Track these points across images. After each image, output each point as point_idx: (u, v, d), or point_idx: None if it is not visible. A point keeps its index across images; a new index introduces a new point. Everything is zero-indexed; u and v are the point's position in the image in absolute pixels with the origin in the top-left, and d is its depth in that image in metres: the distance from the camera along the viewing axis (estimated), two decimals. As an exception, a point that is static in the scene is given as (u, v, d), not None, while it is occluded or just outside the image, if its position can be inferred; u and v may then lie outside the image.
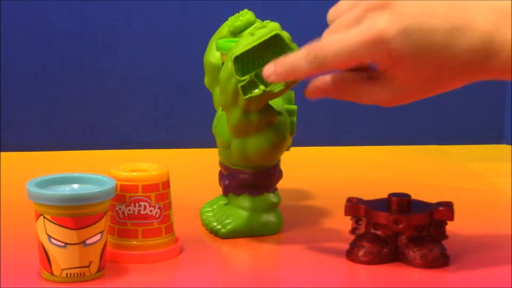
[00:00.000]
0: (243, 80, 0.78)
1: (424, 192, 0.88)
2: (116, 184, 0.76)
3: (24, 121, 1.28)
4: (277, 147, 0.82)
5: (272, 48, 0.79)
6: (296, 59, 0.75)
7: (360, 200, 0.80)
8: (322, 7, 1.23)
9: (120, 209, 0.78)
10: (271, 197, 0.87)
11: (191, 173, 0.91)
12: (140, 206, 0.78)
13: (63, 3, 1.25)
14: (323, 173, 1.13)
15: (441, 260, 0.77)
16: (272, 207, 0.87)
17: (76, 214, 0.72)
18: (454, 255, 0.79)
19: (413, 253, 0.77)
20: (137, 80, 1.28)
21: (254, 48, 0.78)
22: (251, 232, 0.86)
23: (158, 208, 0.78)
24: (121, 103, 1.29)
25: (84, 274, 0.73)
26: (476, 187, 1.07)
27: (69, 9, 1.25)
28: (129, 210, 0.78)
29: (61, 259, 0.72)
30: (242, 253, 0.84)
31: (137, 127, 1.29)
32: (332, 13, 0.77)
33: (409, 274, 0.76)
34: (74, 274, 0.73)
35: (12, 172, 1.12)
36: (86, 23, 1.26)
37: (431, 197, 0.82)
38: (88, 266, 0.73)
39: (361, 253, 0.78)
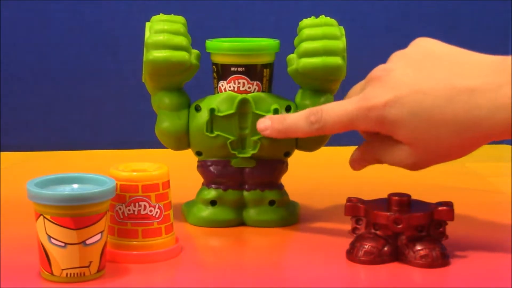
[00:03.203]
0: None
1: (424, 192, 0.88)
2: (116, 184, 0.76)
3: (24, 121, 1.28)
4: None
5: None
6: (297, 119, 0.81)
7: (360, 200, 0.80)
8: (321, 7, 1.23)
9: (120, 209, 0.78)
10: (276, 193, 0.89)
11: (191, 173, 0.91)
12: (140, 206, 0.78)
13: (63, 3, 1.25)
14: (323, 173, 1.13)
15: (441, 260, 0.77)
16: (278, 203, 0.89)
17: (76, 214, 0.72)
18: (454, 255, 0.79)
19: (413, 253, 0.77)
20: (137, 80, 1.28)
21: None
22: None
23: (158, 208, 0.78)
24: (121, 103, 1.29)
25: (84, 274, 0.73)
26: (476, 187, 1.07)
27: (69, 9, 1.26)
28: (129, 210, 0.78)
29: (61, 259, 0.72)
30: (242, 253, 0.84)
31: (137, 127, 1.29)
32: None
33: (409, 274, 0.76)
34: (74, 274, 0.73)
35: (12, 172, 1.12)
36: (86, 23, 1.26)
37: (431, 197, 0.82)
38: (88, 266, 0.73)
39: (361, 253, 0.78)
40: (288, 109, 0.87)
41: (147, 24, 0.89)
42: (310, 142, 0.88)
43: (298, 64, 0.85)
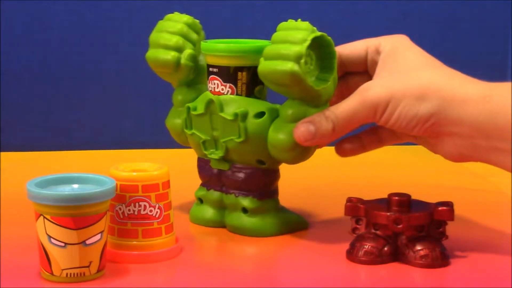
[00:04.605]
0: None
1: (424, 192, 0.88)
2: (116, 184, 0.76)
3: (24, 121, 1.28)
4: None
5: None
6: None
7: (360, 200, 0.80)
8: (322, 7, 1.23)
9: (120, 209, 0.78)
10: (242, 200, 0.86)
11: (191, 173, 0.91)
12: (140, 206, 0.78)
13: (63, 3, 1.25)
14: (323, 173, 1.13)
15: (441, 260, 0.77)
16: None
17: (76, 214, 0.72)
18: (454, 255, 0.79)
19: (413, 253, 0.77)
20: (137, 80, 1.28)
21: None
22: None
23: (158, 208, 0.78)
24: (121, 103, 1.29)
25: (84, 274, 0.73)
26: (476, 187, 1.07)
27: (69, 9, 1.26)
28: (129, 210, 0.78)
29: (61, 259, 0.72)
30: (242, 253, 0.84)
31: (137, 127, 1.29)
32: None
33: (409, 274, 0.76)
34: (74, 274, 0.73)
35: (12, 172, 1.12)
36: (86, 23, 1.26)
37: (431, 197, 0.82)
38: (88, 266, 0.73)
39: (361, 253, 0.78)
40: (259, 115, 0.83)
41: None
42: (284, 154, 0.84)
43: (258, 67, 0.81)
